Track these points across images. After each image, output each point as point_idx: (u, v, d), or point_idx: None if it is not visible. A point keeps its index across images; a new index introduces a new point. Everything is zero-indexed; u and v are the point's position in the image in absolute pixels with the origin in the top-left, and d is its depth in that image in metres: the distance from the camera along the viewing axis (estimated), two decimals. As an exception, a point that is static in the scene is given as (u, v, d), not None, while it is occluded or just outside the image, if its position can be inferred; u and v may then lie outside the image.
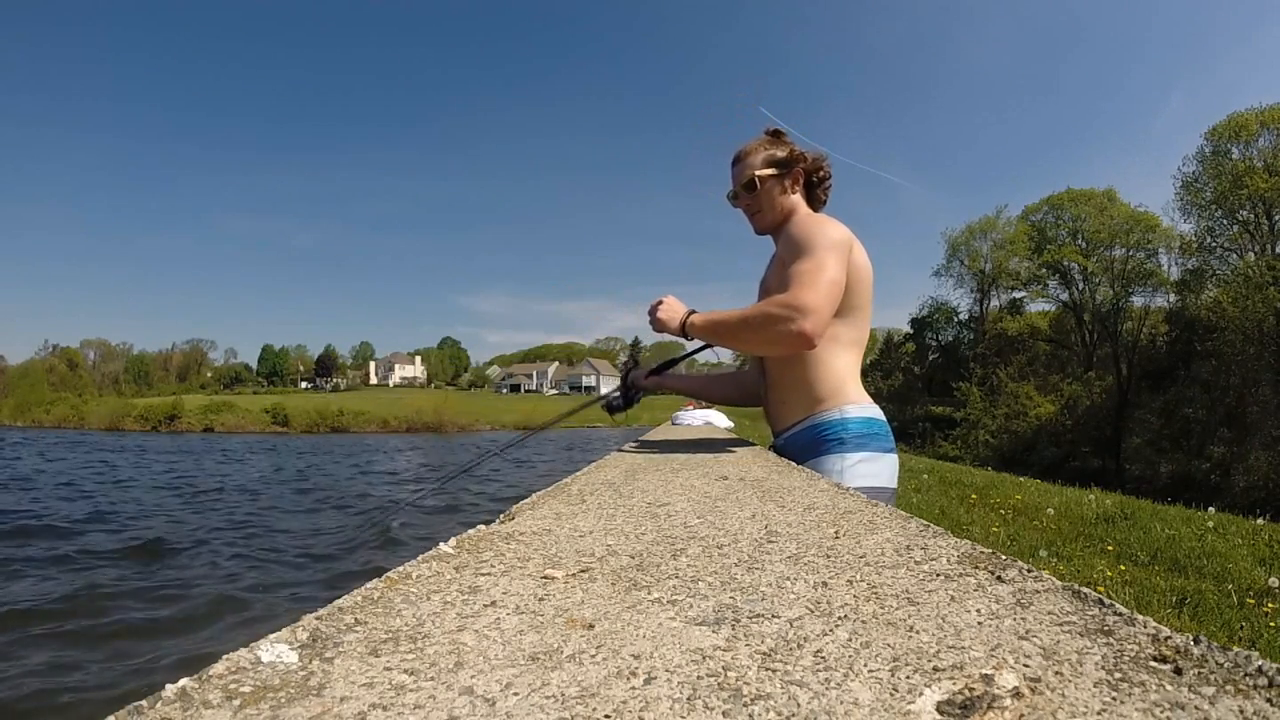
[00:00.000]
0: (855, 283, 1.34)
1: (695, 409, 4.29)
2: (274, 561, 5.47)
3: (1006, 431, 25.27)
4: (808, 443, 1.36)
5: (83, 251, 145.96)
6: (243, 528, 6.95)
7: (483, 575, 0.44)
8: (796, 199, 1.49)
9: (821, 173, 1.51)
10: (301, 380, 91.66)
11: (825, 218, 1.41)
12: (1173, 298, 25.24)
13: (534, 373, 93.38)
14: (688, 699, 0.26)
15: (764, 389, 1.53)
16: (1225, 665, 0.27)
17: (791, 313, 1.18)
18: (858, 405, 1.35)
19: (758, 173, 1.47)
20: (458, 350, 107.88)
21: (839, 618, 0.35)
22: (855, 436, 1.32)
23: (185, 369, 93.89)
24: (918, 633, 0.32)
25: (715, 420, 3.97)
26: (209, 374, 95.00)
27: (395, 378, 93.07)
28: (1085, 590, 0.36)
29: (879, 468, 1.32)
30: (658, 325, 1.43)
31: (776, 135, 1.53)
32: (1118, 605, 0.34)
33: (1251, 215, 21.50)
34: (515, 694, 0.27)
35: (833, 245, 1.28)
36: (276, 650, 0.31)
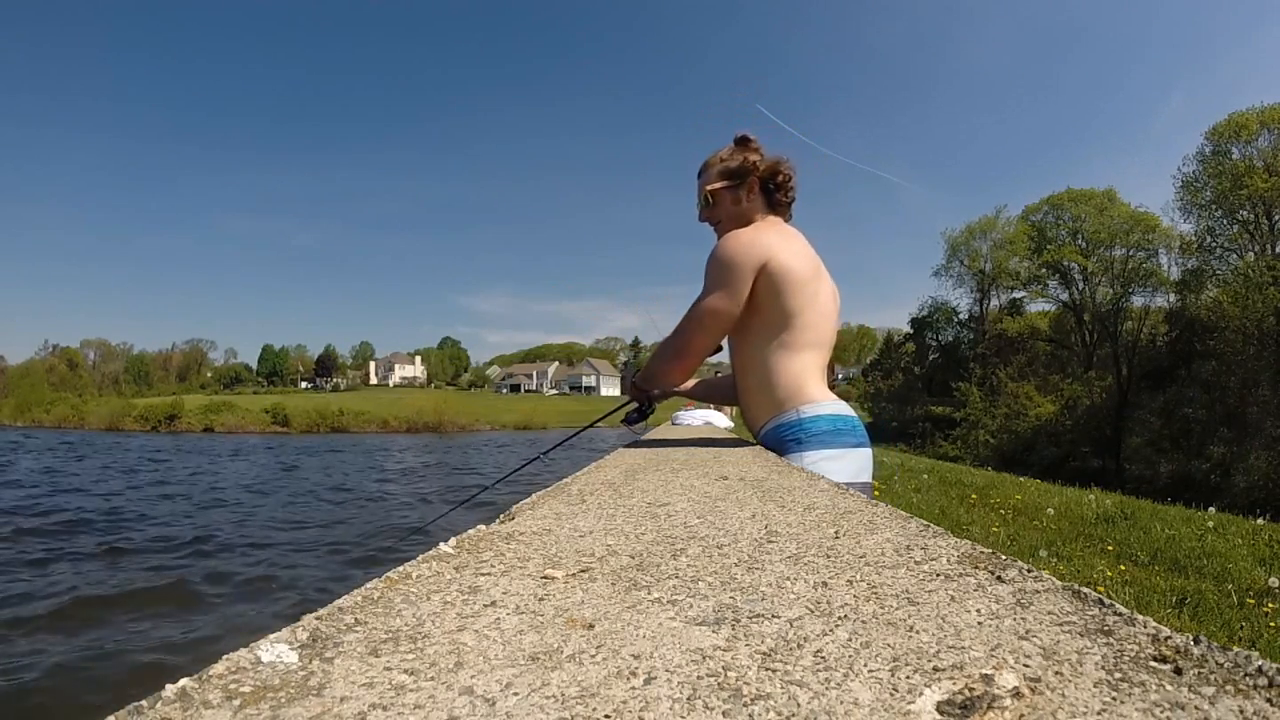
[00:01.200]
0: (781, 290, 1.38)
1: (695, 409, 4.28)
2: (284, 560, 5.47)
3: (1006, 431, 25.25)
4: (774, 444, 1.43)
5: (83, 251, 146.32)
6: (247, 526, 6.95)
7: (483, 575, 0.44)
8: (752, 207, 1.53)
9: (780, 177, 1.53)
10: (301, 380, 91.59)
11: (748, 233, 1.43)
12: (1173, 298, 25.22)
13: (534, 373, 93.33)
14: (688, 699, 0.26)
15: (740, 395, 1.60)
16: (1225, 665, 0.27)
17: (665, 350, 1.47)
18: (814, 405, 1.40)
19: (709, 189, 1.55)
20: (458, 350, 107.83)
21: (839, 618, 0.35)
22: (813, 435, 1.38)
23: (185, 369, 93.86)
24: (918, 633, 0.32)
25: (715, 420, 3.97)
26: (209, 374, 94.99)
27: (395, 378, 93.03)
28: (1085, 590, 0.36)
29: (840, 465, 1.36)
30: (632, 393, 1.65)
31: (743, 142, 1.56)
32: (1118, 605, 0.34)
33: (1251, 215, 21.48)
34: (515, 694, 0.27)
35: (728, 271, 1.37)
36: (276, 650, 0.31)
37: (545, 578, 0.44)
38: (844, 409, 1.44)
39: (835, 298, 1.52)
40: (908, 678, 0.27)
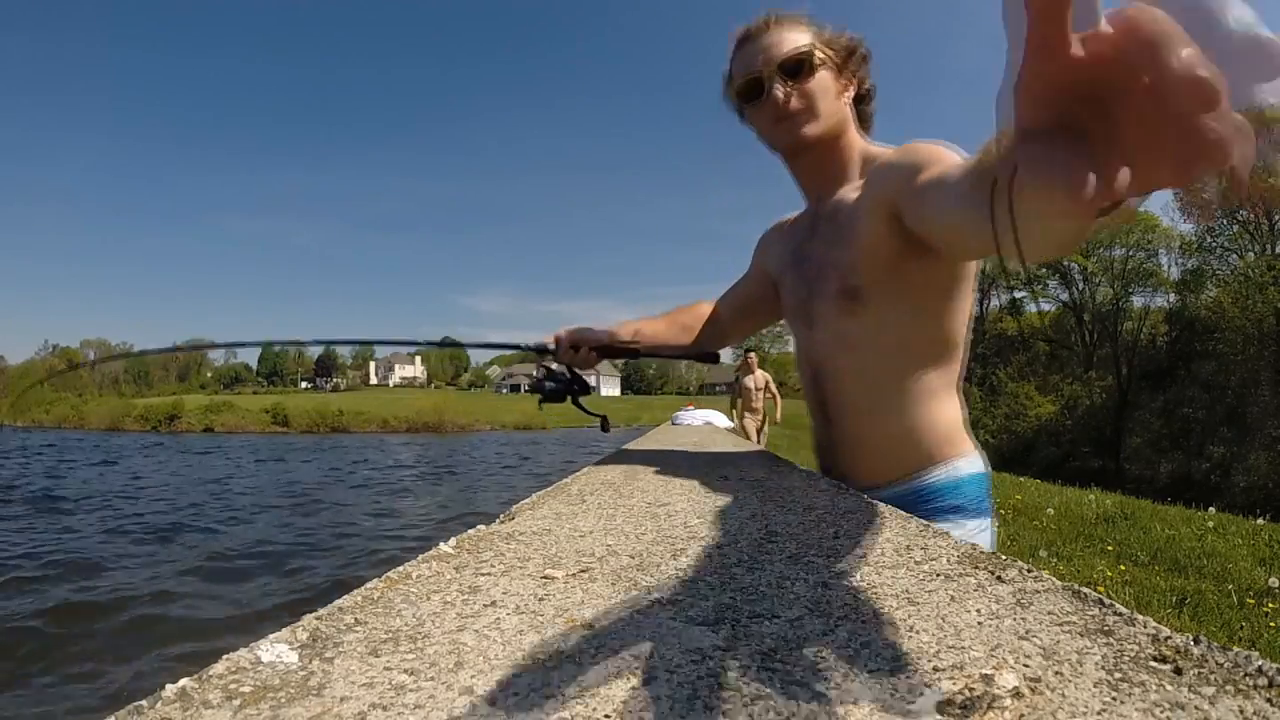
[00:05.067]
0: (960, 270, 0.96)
1: (695, 409, 4.29)
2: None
3: (1006, 431, 25.26)
4: (910, 507, 0.85)
5: (83, 251, 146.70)
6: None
7: (483, 575, 0.44)
8: (851, 114, 1.00)
9: (868, 84, 1.03)
10: (301, 380, 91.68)
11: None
12: (1173, 298, 25.25)
13: (534, 373, 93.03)
14: (688, 699, 0.26)
15: (823, 423, 1.05)
16: (1225, 665, 0.27)
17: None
18: (969, 459, 0.98)
19: (817, 50, 0.93)
20: (458, 350, 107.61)
21: (839, 618, 0.35)
22: (973, 500, 0.96)
23: (185, 369, 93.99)
24: (918, 633, 0.32)
25: (715, 420, 3.97)
26: (209, 374, 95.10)
27: (395, 378, 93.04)
28: (1085, 590, 0.36)
29: (991, 535, 0.98)
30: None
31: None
32: (1118, 605, 0.34)
33: (1251, 215, 21.49)
34: (515, 694, 0.27)
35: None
36: (276, 650, 0.31)
37: (545, 578, 0.44)
38: (987, 462, 1.02)
39: None
40: (908, 678, 0.27)
